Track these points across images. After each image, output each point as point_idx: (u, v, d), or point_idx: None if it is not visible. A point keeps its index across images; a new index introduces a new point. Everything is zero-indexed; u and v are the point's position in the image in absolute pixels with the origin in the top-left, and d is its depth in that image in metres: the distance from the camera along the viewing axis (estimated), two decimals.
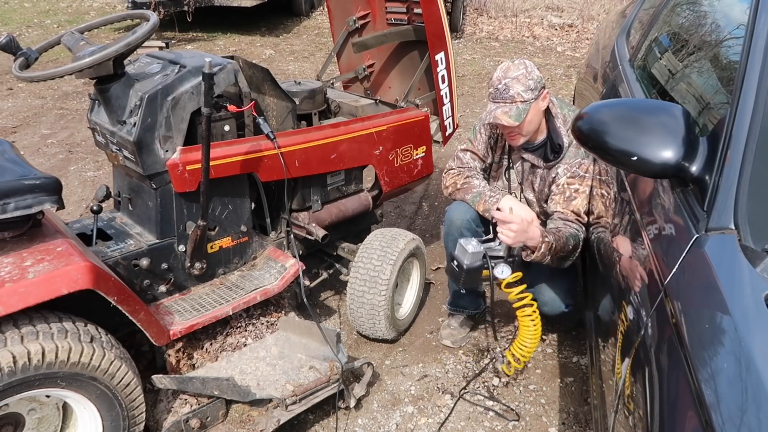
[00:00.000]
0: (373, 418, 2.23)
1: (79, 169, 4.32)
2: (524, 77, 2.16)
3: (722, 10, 1.96)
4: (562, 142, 2.28)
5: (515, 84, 2.15)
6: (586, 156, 2.24)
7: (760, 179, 1.17)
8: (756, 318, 0.95)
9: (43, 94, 5.92)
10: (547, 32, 8.93)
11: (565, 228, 2.20)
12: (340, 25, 3.20)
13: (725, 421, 0.85)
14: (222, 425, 2.01)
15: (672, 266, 1.18)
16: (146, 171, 1.97)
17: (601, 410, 1.52)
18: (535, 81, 2.17)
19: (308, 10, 9.63)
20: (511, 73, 2.18)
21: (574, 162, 2.25)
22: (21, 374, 1.55)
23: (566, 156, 2.27)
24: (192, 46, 7.76)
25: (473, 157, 2.47)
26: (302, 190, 2.44)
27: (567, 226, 2.21)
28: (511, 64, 2.21)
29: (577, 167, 2.24)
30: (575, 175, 2.24)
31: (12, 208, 1.65)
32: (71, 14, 9.51)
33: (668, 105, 1.37)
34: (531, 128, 2.25)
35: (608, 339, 1.53)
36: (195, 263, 2.13)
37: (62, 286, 1.62)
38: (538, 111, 2.23)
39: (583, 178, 2.23)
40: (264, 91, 2.27)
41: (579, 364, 2.51)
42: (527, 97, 2.15)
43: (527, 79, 2.16)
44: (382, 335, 2.50)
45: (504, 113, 2.16)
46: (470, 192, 2.36)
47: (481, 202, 2.32)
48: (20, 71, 1.89)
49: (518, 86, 2.15)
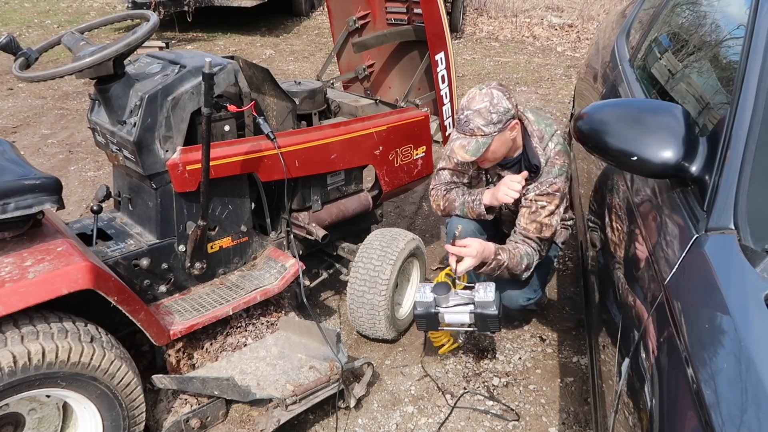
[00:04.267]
0: (373, 418, 2.23)
1: (79, 169, 4.32)
2: (487, 111, 2.08)
3: (722, 10, 1.96)
4: (539, 163, 2.24)
5: (476, 117, 2.09)
6: (559, 174, 2.22)
7: (760, 179, 1.17)
8: (756, 318, 0.95)
9: (44, 94, 5.92)
10: (547, 32, 8.93)
11: (523, 246, 2.25)
12: (340, 25, 3.20)
13: (725, 421, 0.85)
14: (222, 425, 2.01)
15: (672, 266, 1.18)
16: (146, 171, 1.97)
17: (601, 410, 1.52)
18: (500, 114, 2.09)
19: (308, 10, 9.63)
20: (474, 104, 2.10)
21: (546, 180, 2.23)
22: (21, 374, 1.55)
23: (540, 175, 2.25)
24: (192, 46, 7.76)
25: (452, 174, 2.47)
26: (302, 190, 2.44)
27: (526, 243, 2.25)
28: (478, 92, 2.12)
29: (547, 186, 2.22)
30: (544, 192, 2.23)
31: (12, 208, 1.65)
32: (71, 14, 9.51)
33: (668, 105, 1.37)
34: (497, 156, 2.21)
35: (608, 339, 1.53)
36: (195, 263, 2.13)
37: (62, 286, 1.62)
38: (504, 141, 2.18)
39: (553, 196, 2.23)
40: (264, 91, 2.27)
41: (579, 364, 2.51)
42: (488, 131, 2.09)
43: (490, 112, 2.08)
44: (382, 335, 2.50)
45: (461, 147, 2.11)
46: (455, 208, 2.41)
47: (469, 210, 2.37)
48: (20, 71, 1.89)
49: (479, 120, 2.08)
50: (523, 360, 2.54)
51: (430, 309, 2.16)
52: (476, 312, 2.12)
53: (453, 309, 2.15)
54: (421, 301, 2.16)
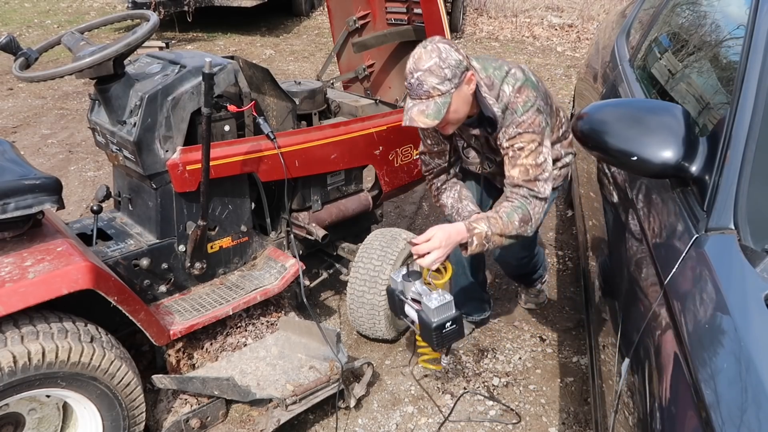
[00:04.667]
0: (373, 418, 2.23)
1: (79, 169, 4.32)
2: (438, 68, 1.87)
3: (722, 10, 1.96)
4: (493, 113, 2.02)
5: (429, 77, 1.88)
6: (524, 111, 1.99)
7: (760, 179, 1.17)
8: (756, 318, 0.95)
9: (44, 94, 5.92)
10: (547, 32, 8.93)
11: (507, 203, 2.03)
12: (340, 25, 3.20)
13: (725, 421, 0.85)
14: (222, 425, 2.01)
15: (672, 266, 1.18)
16: (146, 171, 1.97)
17: (601, 410, 1.52)
18: (452, 68, 1.88)
19: (308, 10, 9.63)
20: (423, 63, 1.89)
21: (511, 122, 2.01)
22: (21, 374, 1.55)
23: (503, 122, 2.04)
24: (192, 46, 7.76)
25: (431, 157, 2.35)
26: (302, 190, 2.44)
27: (512, 196, 2.04)
28: (423, 50, 1.91)
29: (515, 127, 2.00)
30: (513, 135, 2.01)
31: (12, 208, 1.65)
32: (71, 14, 9.51)
33: (668, 105, 1.37)
34: (459, 116, 2.00)
35: (608, 339, 1.53)
36: (195, 263, 2.13)
37: (62, 286, 1.62)
38: (465, 96, 1.97)
39: (525, 135, 2.00)
40: (264, 91, 2.27)
41: (579, 364, 2.51)
42: (445, 89, 1.89)
43: (442, 68, 1.87)
44: (382, 335, 2.50)
45: (420, 113, 1.91)
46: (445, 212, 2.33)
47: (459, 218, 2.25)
48: (20, 71, 1.89)
49: (432, 79, 1.88)
50: (523, 360, 2.54)
51: (395, 293, 2.03)
52: (420, 315, 1.95)
53: (410, 302, 2.00)
54: (393, 281, 2.05)
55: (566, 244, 3.44)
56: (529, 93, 2.00)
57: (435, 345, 1.94)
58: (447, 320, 1.91)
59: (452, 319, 1.92)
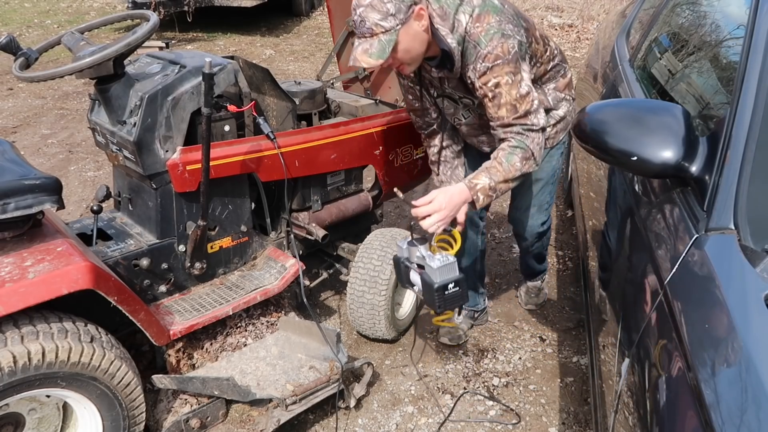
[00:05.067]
0: (373, 418, 2.23)
1: (79, 169, 4.32)
2: (380, 2, 1.73)
3: (722, 10, 1.96)
4: (448, 46, 1.86)
5: (371, 13, 1.74)
6: (489, 41, 1.82)
7: (760, 179, 1.17)
8: (756, 318, 0.95)
9: (44, 94, 5.92)
10: (547, 32, 8.93)
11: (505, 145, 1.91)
12: (340, 25, 3.20)
13: (725, 421, 0.85)
14: (222, 425, 2.02)
15: (672, 266, 1.18)
16: (146, 171, 1.97)
17: (601, 410, 1.52)
18: (396, 1, 1.73)
19: (308, 10, 9.62)
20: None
21: (476, 57, 1.86)
22: (21, 374, 1.55)
23: (466, 57, 1.88)
24: (192, 46, 7.76)
25: (416, 115, 2.27)
26: (302, 190, 2.44)
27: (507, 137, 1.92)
28: None
29: (481, 61, 1.84)
30: (483, 71, 1.85)
31: (12, 208, 1.65)
32: (71, 14, 9.51)
33: (668, 105, 1.37)
34: (413, 55, 1.86)
35: (608, 339, 1.53)
36: (195, 263, 2.13)
37: (62, 286, 1.62)
38: (416, 33, 1.81)
39: (497, 67, 1.84)
40: (264, 91, 2.27)
41: (579, 364, 2.51)
42: (388, 25, 1.74)
43: (383, 2, 1.73)
44: (382, 335, 2.50)
45: (364, 51, 1.77)
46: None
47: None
48: (20, 71, 1.89)
49: (374, 15, 1.73)
50: (523, 360, 2.54)
51: (401, 260, 1.97)
52: (423, 277, 1.88)
53: (414, 267, 1.94)
54: (399, 248, 1.98)
55: (566, 244, 3.44)
56: (490, 18, 1.83)
57: (437, 307, 1.86)
58: (450, 281, 1.85)
59: (455, 280, 1.86)
